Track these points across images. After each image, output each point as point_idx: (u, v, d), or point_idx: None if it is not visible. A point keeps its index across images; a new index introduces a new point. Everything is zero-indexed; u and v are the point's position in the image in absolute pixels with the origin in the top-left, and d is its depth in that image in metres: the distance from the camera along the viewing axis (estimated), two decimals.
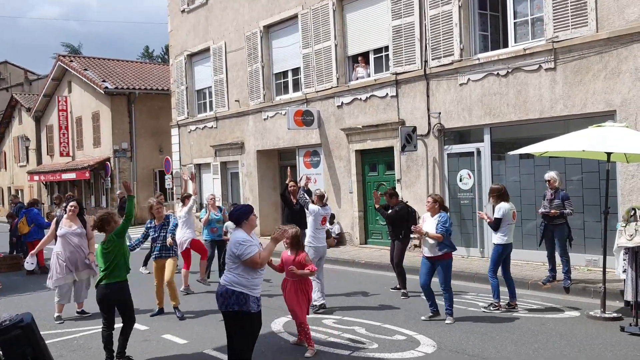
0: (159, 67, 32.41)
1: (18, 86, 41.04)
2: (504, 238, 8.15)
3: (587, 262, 10.26)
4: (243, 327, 5.31)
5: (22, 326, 5.22)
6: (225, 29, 18.95)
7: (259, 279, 5.40)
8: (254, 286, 5.32)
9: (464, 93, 12.05)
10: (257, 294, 5.37)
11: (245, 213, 5.41)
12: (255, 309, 5.31)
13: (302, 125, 15.26)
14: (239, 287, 5.24)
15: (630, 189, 9.66)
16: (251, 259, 5.21)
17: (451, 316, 7.64)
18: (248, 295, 5.24)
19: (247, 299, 5.24)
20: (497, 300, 8.17)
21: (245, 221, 5.39)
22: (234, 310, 5.24)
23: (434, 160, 12.79)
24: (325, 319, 7.93)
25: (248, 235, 5.35)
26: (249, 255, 5.21)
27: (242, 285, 5.25)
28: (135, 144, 27.02)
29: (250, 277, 5.29)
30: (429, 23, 12.55)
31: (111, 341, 6.26)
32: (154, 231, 8.75)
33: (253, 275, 5.31)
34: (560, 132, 8.96)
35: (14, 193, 35.10)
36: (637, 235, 7.12)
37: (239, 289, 5.24)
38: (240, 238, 5.30)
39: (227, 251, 5.52)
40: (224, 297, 5.26)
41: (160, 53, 54.01)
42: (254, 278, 5.32)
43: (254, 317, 5.34)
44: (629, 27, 9.52)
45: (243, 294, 5.24)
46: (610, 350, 6.23)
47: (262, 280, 5.51)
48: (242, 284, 5.25)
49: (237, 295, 5.23)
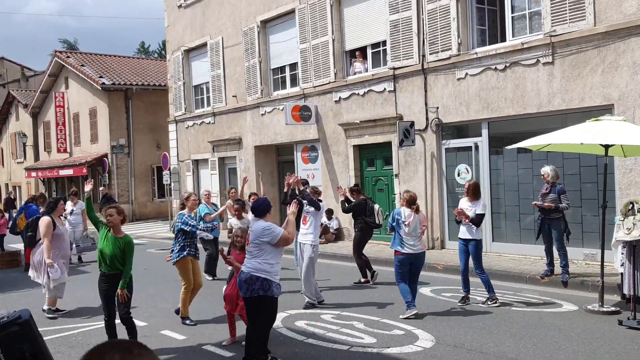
0: (155, 63, 32.30)
1: (15, 82, 40.87)
2: (480, 233, 8.40)
3: (585, 256, 10.28)
4: (266, 311, 5.75)
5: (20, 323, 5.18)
6: (223, 24, 18.89)
7: (279, 265, 5.87)
8: (276, 272, 5.78)
9: (461, 87, 12.04)
10: (278, 279, 5.82)
11: (269, 207, 5.95)
12: (277, 293, 5.78)
13: (300, 120, 15.23)
14: (263, 274, 5.67)
15: (628, 183, 9.67)
16: (282, 237, 5.72)
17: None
18: (271, 281, 5.70)
19: (271, 284, 5.68)
20: (493, 294, 8.18)
21: (269, 214, 5.91)
22: (259, 295, 5.65)
23: (432, 155, 12.78)
24: (323, 314, 7.94)
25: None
26: (279, 236, 5.71)
27: (266, 272, 5.68)
28: (132, 140, 26.95)
29: (274, 262, 5.76)
30: (427, 17, 12.52)
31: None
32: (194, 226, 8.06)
33: (276, 261, 5.79)
34: (558, 127, 8.95)
35: (10, 190, 35.06)
36: (635, 229, 7.14)
37: (263, 275, 5.66)
38: (264, 225, 5.79)
39: (248, 240, 5.95)
40: (248, 284, 5.67)
41: (157, 48, 53.85)
42: (276, 264, 5.80)
43: (276, 302, 5.82)
44: (626, 20, 9.50)
45: (267, 280, 5.66)
46: (608, 344, 6.24)
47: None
48: (265, 270, 5.69)
49: (261, 282, 5.65)
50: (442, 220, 12.74)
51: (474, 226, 8.16)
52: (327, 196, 15.60)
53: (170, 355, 6.55)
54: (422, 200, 12.84)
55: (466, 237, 8.22)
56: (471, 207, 8.17)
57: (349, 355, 6.20)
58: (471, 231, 8.21)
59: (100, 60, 29.31)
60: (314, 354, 6.32)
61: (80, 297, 9.83)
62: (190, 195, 8.46)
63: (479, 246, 8.27)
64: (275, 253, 5.78)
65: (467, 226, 8.18)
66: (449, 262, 10.80)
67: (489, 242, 11.89)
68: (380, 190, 14.34)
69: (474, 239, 8.22)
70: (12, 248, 15.37)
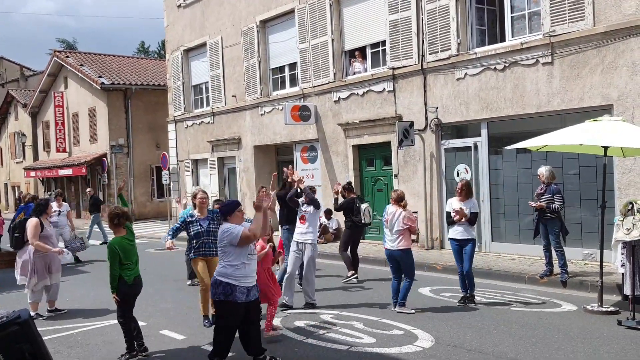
0: (155, 63, 32.30)
1: (14, 82, 40.86)
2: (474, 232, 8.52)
3: (584, 256, 10.28)
4: (227, 316, 5.59)
5: (20, 322, 5.20)
6: (222, 24, 18.89)
7: (245, 269, 5.59)
8: (242, 275, 5.55)
9: (461, 88, 12.04)
10: (247, 283, 5.58)
11: (231, 209, 5.74)
12: (241, 299, 5.52)
13: (299, 120, 15.23)
14: (225, 278, 5.52)
15: (627, 183, 9.68)
16: (242, 236, 5.45)
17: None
18: (235, 285, 5.50)
19: (234, 289, 5.51)
20: (473, 293, 8.36)
21: (229, 217, 5.69)
22: (220, 299, 5.55)
23: (431, 155, 12.78)
24: (323, 314, 7.93)
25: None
26: (238, 235, 5.47)
27: (228, 275, 5.52)
28: (132, 140, 26.95)
29: (237, 264, 5.54)
30: (426, 17, 12.53)
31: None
32: (198, 225, 7.60)
33: (241, 262, 5.55)
34: (557, 127, 8.96)
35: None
36: (634, 229, 7.14)
37: (225, 280, 5.52)
38: (224, 227, 5.63)
39: (218, 244, 5.78)
40: (213, 287, 5.62)
41: (156, 48, 53.83)
42: (241, 265, 5.55)
43: (239, 307, 5.55)
44: (626, 21, 9.51)
45: (229, 284, 5.52)
46: (607, 344, 6.24)
47: (253, 267, 5.71)
48: (227, 273, 5.53)
49: (223, 286, 5.52)
50: (441, 220, 12.73)
51: (470, 226, 8.22)
52: (327, 196, 15.60)
53: (170, 355, 6.54)
54: (421, 200, 12.86)
55: (463, 237, 8.22)
56: (465, 207, 8.19)
57: (348, 355, 6.20)
58: (469, 231, 8.24)
59: (100, 60, 29.31)
60: (313, 354, 6.31)
61: (80, 297, 9.84)
62: (196, 194, 7.90)
63: (474, 245, 8.36)
64: (238, 254, 5.53)
65: (464, 226, 8.19)
66: (448, 262, 10.80)
67: (488, 242, 11.91)
68: (380, 190, 14.34)
69: (472, 239, 8.27)
70: (9, 249, 15.32)
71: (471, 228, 8.26)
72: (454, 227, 8.27)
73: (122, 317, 6.37)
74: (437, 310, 7.96)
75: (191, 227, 7.59)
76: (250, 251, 5.68)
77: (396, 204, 7.91)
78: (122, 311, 6.36)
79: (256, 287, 5.81)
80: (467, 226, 8.20)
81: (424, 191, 12.88)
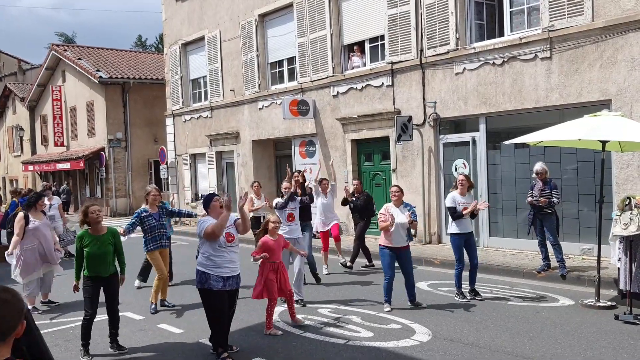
0: (153, 57, 32.20)
1: (11, 76, 40.72)
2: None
3: (581, 251, 10.31)
4: (206, 303, 5.93)
5: None
6: (220, 18, 18.83)
7: (221, 259, 5.85)
8: (214, 265, 5.83)
9: (459, 82, 12.03)
10: (222, 273, 5.84)
11: (207, 201, 6.05)
12: (216, 287, 5.81)
13: (298, 114, 15.21)
14: (201, 267, 5.90)
15: (625, 178, 9.69)
16: (205, 231, 5.76)
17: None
18: (208, 274, 5.82)
19: (208, 277, 5.82)
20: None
21: (208, 209, 6.01)
22: (198, 288, 5.94)
23: (430, 149, 12.78)
24: (320, 308, 7.95)
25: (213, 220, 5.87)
26: (203, 230, 5.81)
27: (203, 265, 5.88)
28: (129, 134, 26.91)
29: (210, 253, 5.84)
30: (425, 12, 12.50)
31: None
32: (152, 219, 8.25)
33: (212, 252, 5.83)
34: (555, 122, 8.97)
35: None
36: (631, 224, 7.15)
37: (201, 269, 5.89)
38: (200, 219, 6.06)
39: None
40: (195, 276, 5.96)
41: (154, 42, 53.68)
42: (214, 257, 5.84)
43: (217, 295, 5.83)
44: (625, 15, 9.49)
45: (205, 273, 5.85)
46: (604, 339, 6.26)
47: (232, 258, 5.91)
48: (202, 263, 5.90)
49: (199, 275, 5.90)
50: (439, 215, 12.75)
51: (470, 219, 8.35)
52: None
53: (168, 348, 6.55)
54: (419, 195, 12.87)
55: (469, 231, 8.33)
56: (469, 200, 8.28)
57: (345, 349, 6.21)
58: (470, 223, 8.40)
59: (98, 54, 29.22)
60: (310, 347, 6.33)
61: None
62: (150, 191, 8.48)
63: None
64: (208, 246, 5.85)
65: (466, 219, 8.24)
66: (446, 257, 10.82)
67: (485, 236, 11.93)
68: (378, 185, 14.34)
69: (472, 231, 8.43)
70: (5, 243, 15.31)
71: (470, 221, 8.43)
72: (461, 221, 8.18)
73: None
74: (435, 304, 7.97)
75: (146, 222, 8.26)
76: (220, 244, 5.85)
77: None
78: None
79: (235, 279, 5.99)
80: (469, 220, 8.30)
81: (422, 186, 12.89)
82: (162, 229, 8.37)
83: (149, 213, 8.33)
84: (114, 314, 6.55)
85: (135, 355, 6.35)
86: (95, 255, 6.34)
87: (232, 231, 5.99)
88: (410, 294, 7.88)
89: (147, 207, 8.39)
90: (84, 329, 6.40)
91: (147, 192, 8.50)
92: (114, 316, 6.55)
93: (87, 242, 6.37)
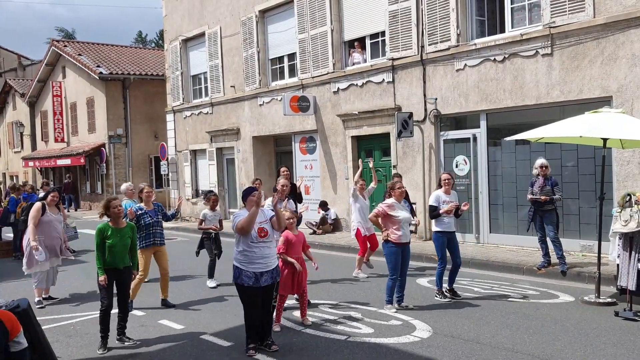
0: (153, 52, 32.17)
1: (11, 71, 40.66)
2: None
3: (582, 247, 10.32)
4: (243, 299, 5.99)
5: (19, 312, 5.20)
6: (221, 14, 18.80)
7: (253, 254, 5.87)
8: (246, 260, 5.87)
9: (460, 79, 12.01)
10: (254, 268, 5.86)
11: (245, 194, 6.08)
12: (247, 283, 5.85)
13: (298, 111, 15.21)
14: (235, 262, 5.96)
15: (626, 175, 9.69)
16: (236, 226, 5.85)
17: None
18: (240, 269, 5.88)
19: (240, 272, 5.88)
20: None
21: (245, 202, 6.07)
22: (234, 282, 5.99)
23: (430, 146, 12.78)
24: (321, 304, 7.96)
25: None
26: (235, 225, 5.88)
27: (237, 260, 5.94)
28: (130, 130, 26.89)
29: (241, 249, 5.90)
30: (426, 8, 12.48)
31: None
32: (149, 217, 8.28)
33: (243, 248, 5.88)
34: (556, 118, 8.96)
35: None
36: (631, 221, 7.15)
37: (236, 264, 5.95)
38: (235, 212, 6.25)
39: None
40: (233, 270, 6.02)
41: (154, 38, 53.58)
42: (246, 253, 5.88)
43: (248, 290, 5.87)
44: (626, 12, 9.48)
45: (238, 268, 5.91)
46: (604, 335, 6.27)
47: (263, 253, 5.90)
48: (237, 258, 5.95)
49: (234, 269, 5.96)
50: None
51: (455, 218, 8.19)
52: (325, 187, 15.63)
53: (169, 344, 6.56)
54: (419, 192, 12.88)
55: (450, 230, 8.09)
56: (453, 199, 8.12)
57: (346, 345, 6.22)
58: (454, 223, 8.23)
59: (98, 50, 29.18)
60: (311, 344, 6.34)
61: (78, 286, 9.85)
62: (143, 188, 8.54)
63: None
64: (242, 240, 5.90)
65: (452, 218, 8.07)
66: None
67: (486, 233, 11.93)
68: (379, 181, 14.30)
69: (454, 231, 8.25)
70: (8, 238, 15.34)
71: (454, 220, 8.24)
72: (444, 220, 8.02)
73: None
74: (435, 301, 7.98)
75: (142, 219, 8.22)
76: (252, 239, 5.87)
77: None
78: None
79: (270, 273, 5.97)
80: (453, 219, 8.15)
81: (422, 182, 12.89)
82: (158, 227, 8.37)
83: (145, 210, 8.36)
84: (124, 306, 6.61)
85: (136, 350, 6.37)
86: (116, 247, 6.45)
87: (267, 226, 5.99)
88: (399, 293, 7.69)
89: (142, 205, 8.45)
90: (102, 320, 6.44)
91: (140, 190, 8.57)
92: (125, 309, 6.62)
93: (109, 234, 6.44)
